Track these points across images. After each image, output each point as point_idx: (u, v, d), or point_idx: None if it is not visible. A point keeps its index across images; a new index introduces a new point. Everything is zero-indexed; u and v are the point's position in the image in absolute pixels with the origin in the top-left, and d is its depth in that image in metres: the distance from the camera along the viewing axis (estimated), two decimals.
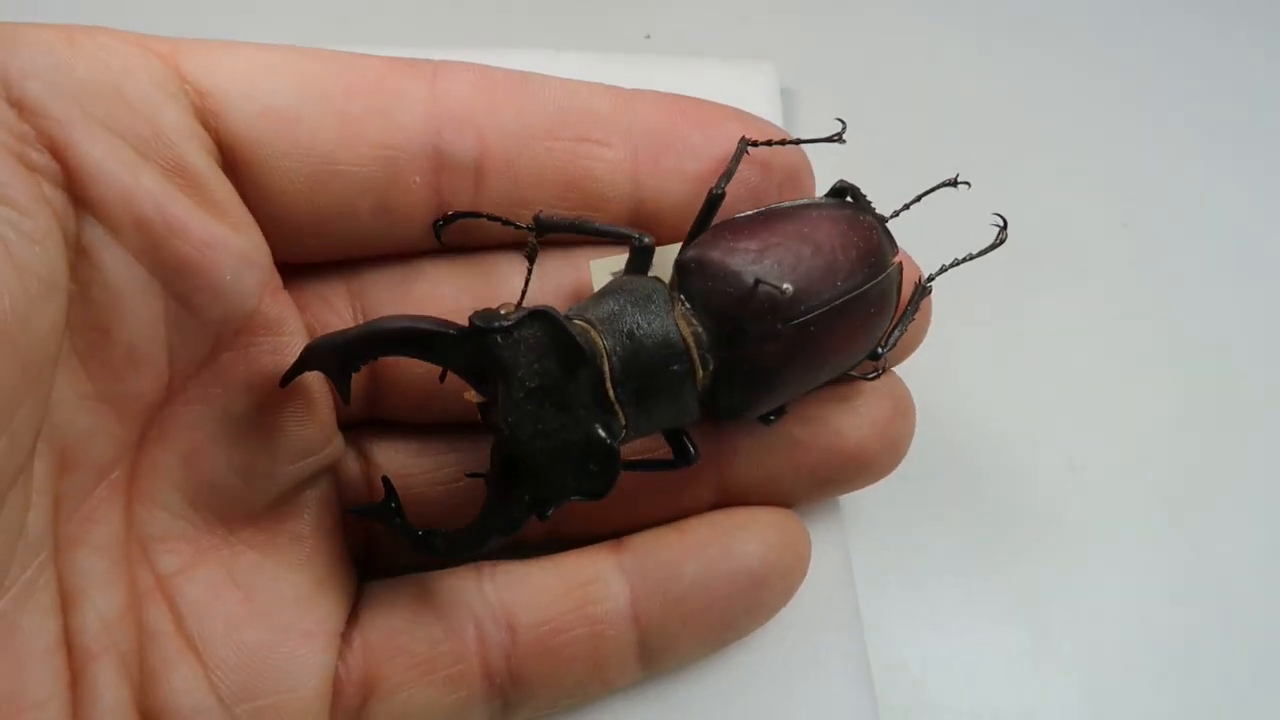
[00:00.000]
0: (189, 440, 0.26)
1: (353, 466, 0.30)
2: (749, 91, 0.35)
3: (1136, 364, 0.41)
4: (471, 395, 0.25)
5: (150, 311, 0.24)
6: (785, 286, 0.26)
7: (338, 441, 0.28)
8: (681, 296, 0.27)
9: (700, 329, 0.26)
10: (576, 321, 0.25)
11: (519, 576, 0.29)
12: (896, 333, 0.30)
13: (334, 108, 0.26)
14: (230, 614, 0.26)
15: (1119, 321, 0.42)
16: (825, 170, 0.32)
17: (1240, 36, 0.50)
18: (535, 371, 0.24)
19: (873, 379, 0.30)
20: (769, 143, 0.29)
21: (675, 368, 0.26)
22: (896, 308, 0.30)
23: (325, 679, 0.27)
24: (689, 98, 0.30)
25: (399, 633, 0.28)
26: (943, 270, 0.31)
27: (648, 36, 0.48)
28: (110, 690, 0.24)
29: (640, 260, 0.28)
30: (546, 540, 0.31)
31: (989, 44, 0.49)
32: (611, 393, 0.25)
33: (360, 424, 0.30)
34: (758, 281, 0.26)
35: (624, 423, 0.25)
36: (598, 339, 0.25)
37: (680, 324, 0.26)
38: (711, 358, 0.26)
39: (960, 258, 0.31)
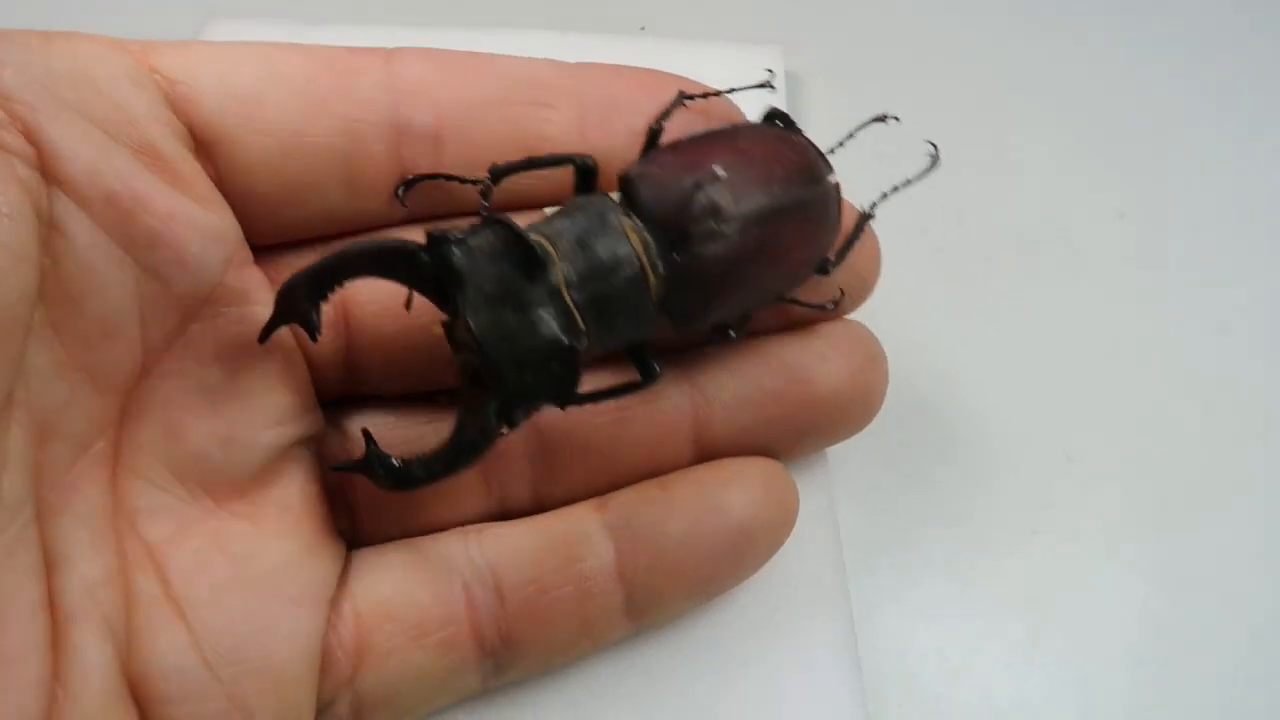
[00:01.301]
0: (167, 415, 0.26)
1: (335, 443, 0.30)
2: (754, 75, 0.35)
3: (1133, 355, 0.41)
4: (438, 329, 0.26)
5: (121, 282, 0.25)
6: (719, 171, 0.27)
7: (317, 414, 0.29)
8: (627, 209, 0.28)
9: (648, 236, 0.27)
10: (532, 235, 0.26)
11: (504, 537, 0.30)
12: (841, 256, 0.31)
13: (297, 87, 0.28)
14: (217, 581, 0.26)
15: (1114, 312, 0.42)
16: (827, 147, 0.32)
17: (1239, 26, 0.50)
18: (493, 277, 0.25)
19: (832, 310, 0.31)
20: (704, 95, 0.31)
21: (627, 272, 0.26)
22: (839, 227, 0.31)
23: (312, 645, 0.27)
24: (637, 68, 0.31)
25: (388, 600, 0.29)
26: (884, 197, 0.33)
27: (642, 28, 0.48)
28: (93, 650, 0.24)
29: (585, 181, 0.29)
30: (532, 508, 0.31)
31: (989, 32, 0.50)
32: (567, 296, 0.26)
33: (340, 400, 0.31)
34: (696, 184, 0.27)
35: (583, 328, 0.26)
36: (551, 249, 0.26)
37: (629, 233, 0.27)
38: (661, 263, 0.27)
39: (898, 184, 0.33)
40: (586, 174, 0.29)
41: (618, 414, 0.30)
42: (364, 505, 0.30)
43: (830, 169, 0.31)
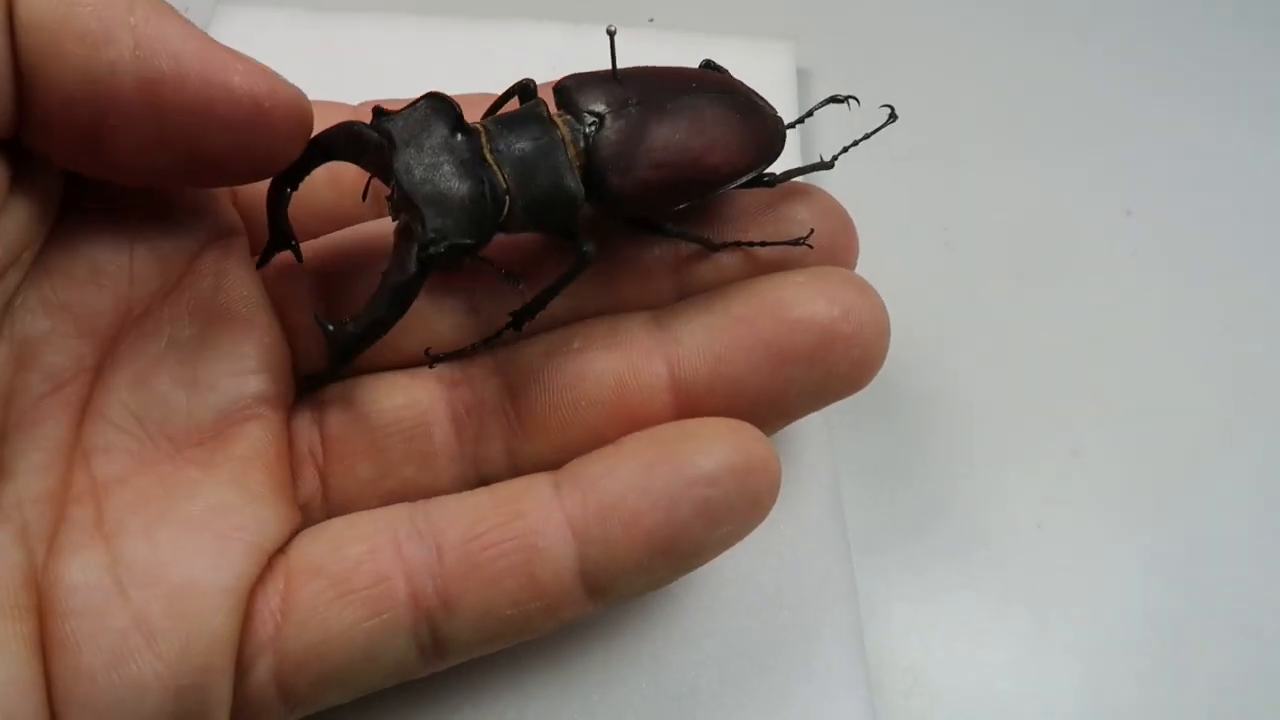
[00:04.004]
0: (139, 366, 0.28)
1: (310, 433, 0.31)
2: (764, 69, 0.35)
3: (1140, 351, 0.42)
4: (390, 214, 0.28)
5: (115, 237, 0.28)
6: (637, 72, 0.30)
7: (284, 378, 0.30)
8: (559, 110, 0.30)
9: (571, 119, 0.29)
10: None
11: (451, 503, 0.29)
12: (785, 178, 0.32)
13: None
14: (151, 516, 0.27)
15: (1122, 308, 0.43)
16: (833, 145, 0.33)
17: (1246, 21, 0.50)
18: (424, 140, 0.28)
19: (801, 245, 0.31)
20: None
21: (545, 138, 0.29)
22: (775, 148, 0.32)
23: (234, 580, 0.27)
24: None
25: (318, 556, 0.28)
26: (844, 150, 0.33)
27: (651, 20, 0.48)
28: (1, 549, 0.25)
29: (527, 99, 0.31)
30: (508, 472, 0.30)
31: (999, 30, 0.50)
32: (488, 151, 0.28)
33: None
34: (613, 79, 0.30)
35: (503, 181, 0.28)
36: (478, 125, 0.29)
37: (553, 118, 0.29)
38: (582, 138, 0.29)
39: (858, 138, 0.33)
40: (527, 93, 0.31)
41: (578, 349, 0.30)
42: (335, 470, 0.30)
43: (770, 108, 0.32)
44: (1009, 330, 0.42)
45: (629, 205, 0.30)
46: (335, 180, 0.31)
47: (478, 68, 0.35)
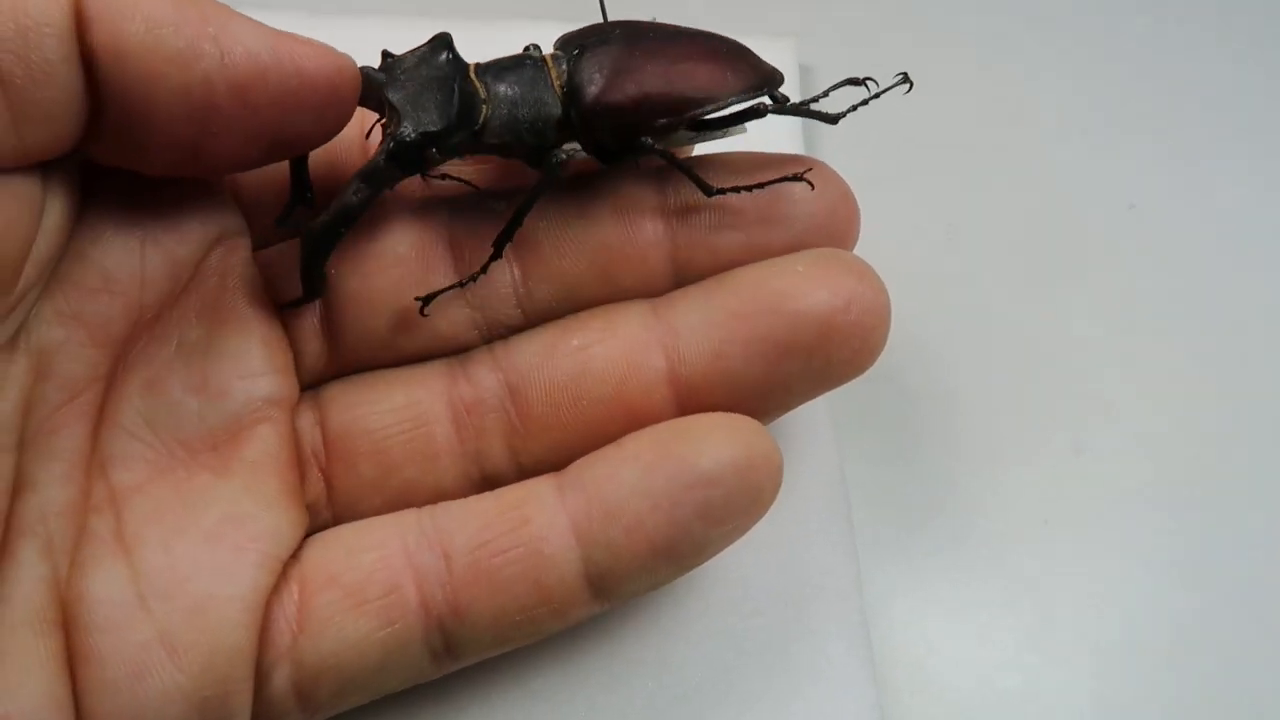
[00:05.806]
0: (150, 371, 0.28)
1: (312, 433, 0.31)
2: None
3: (1142, 347, 0.42)
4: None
5: (126, 243, 0.28)
6: (632, 19, 0.32)
7: (291, 379, 0.30)
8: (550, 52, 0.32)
9: (558, 53, 0.31)
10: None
11: (457, 509, 0.29)
12: (783, 111, 0.32)
13: None
14: (169, 526, 0.27)
15: (1124, 304, 0.42)
16: (837, 146, 0.32)
17: (1249, 16, 0.50)
18: (420, 65, 0.29)
19: (794, 180, 0.31)
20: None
21: (529, 67, 0.30)
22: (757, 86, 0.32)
23: (251, 592, 0.27)
24: None
25: (331, 565, 0.29)
26: (852, 109, 0.32)
27: (654, 18, 0.48)
28: (28, 565, 0.26)
29: None
30: (512, 473, 0.31)
31: (1001, 23, 0.50)
32: (474, 74, 0.30)
33: (320, 383, 0.32)
34: (607, 24, 0.32)
35: (484, 96, 0.29)
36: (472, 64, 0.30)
37: (544, 55, 0.31)
38: (565, 64, 0.30)
39: (867, 97, 0.32)
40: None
41: (577, 346, 0.30)
42: (338, 472, 0.30)
43: (769, 66, 0.32)
44: (1013, 324, 0.42)
45: (606, 120, 0.30)
46: (333, 165, 0.31)
47: None
